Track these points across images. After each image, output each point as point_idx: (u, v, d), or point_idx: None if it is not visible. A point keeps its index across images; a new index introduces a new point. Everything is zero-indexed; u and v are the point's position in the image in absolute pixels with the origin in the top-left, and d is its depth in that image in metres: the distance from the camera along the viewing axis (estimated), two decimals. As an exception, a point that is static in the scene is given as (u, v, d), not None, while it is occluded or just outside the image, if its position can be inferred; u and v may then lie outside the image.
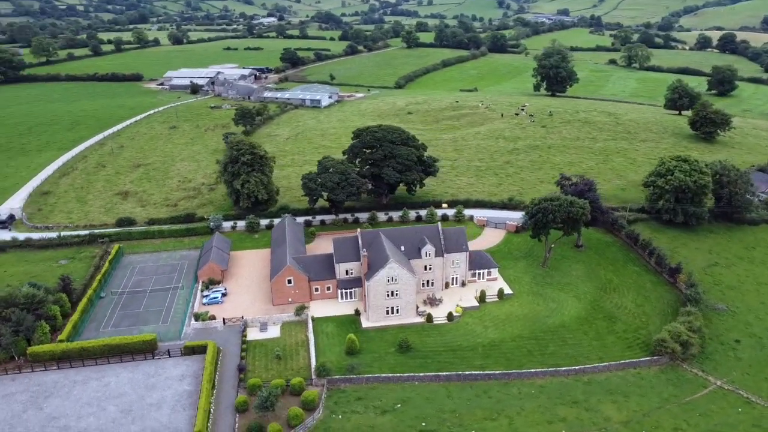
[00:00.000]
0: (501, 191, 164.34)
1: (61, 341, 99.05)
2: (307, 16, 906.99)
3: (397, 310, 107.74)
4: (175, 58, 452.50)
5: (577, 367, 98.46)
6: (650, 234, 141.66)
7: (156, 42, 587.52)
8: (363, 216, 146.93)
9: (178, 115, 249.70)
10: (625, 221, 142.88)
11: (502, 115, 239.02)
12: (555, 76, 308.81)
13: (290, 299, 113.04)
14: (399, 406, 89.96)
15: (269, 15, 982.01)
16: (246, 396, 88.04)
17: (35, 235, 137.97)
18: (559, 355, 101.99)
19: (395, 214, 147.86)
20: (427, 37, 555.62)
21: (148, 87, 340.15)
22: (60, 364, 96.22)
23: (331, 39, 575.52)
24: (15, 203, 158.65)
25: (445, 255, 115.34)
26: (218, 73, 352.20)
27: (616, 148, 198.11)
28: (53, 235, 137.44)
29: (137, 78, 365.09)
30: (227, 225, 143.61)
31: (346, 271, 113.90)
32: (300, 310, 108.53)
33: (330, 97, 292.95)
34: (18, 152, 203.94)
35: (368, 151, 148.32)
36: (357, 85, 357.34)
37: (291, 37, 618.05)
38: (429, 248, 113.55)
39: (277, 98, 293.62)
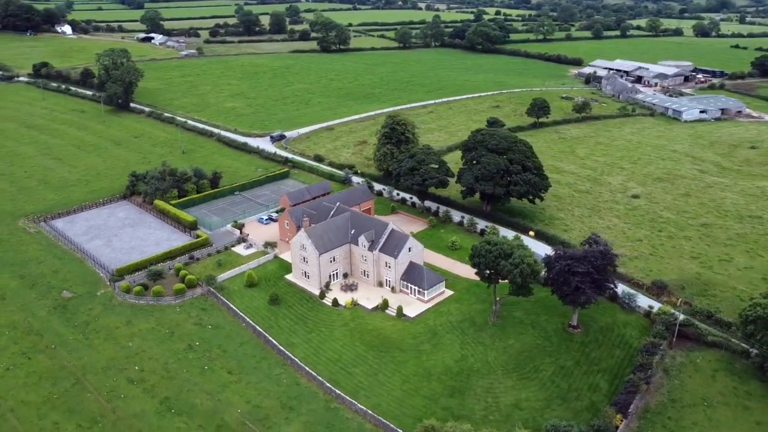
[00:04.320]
0: (618, 244, 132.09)
1: (168, 203, 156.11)
2: None
3: (308, 276, 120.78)
4: (658, 49, 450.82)
5: (338, 392, 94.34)
6: (711, 369, 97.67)
7: (676, 32, 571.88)
8: (446, 210, 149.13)
9: (511, 99, 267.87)
10: (662, 327, 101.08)
11: None
12: None
13: (287, 239, 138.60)
14: (210, 327, 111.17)
15: None
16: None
17: (271, 149, 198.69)
18: (355, 378, 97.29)
19: (467, 219, 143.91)
20: None
21: (569, 72, 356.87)
22: (159, 215, 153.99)
23: None
24: (306, 129, 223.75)
25: (375, 252, 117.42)
26: (639, 68, 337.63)
27: None
28: (274, 151, 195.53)
29: (577, 62, 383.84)
30: (357, 180, 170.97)
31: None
32: (268, 245, 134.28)
33: (704, 112, 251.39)
34: (367, 99, 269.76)
35: (470, 153, 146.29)
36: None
37: None
38: (363, 240, 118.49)
39: (645, 102, 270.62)
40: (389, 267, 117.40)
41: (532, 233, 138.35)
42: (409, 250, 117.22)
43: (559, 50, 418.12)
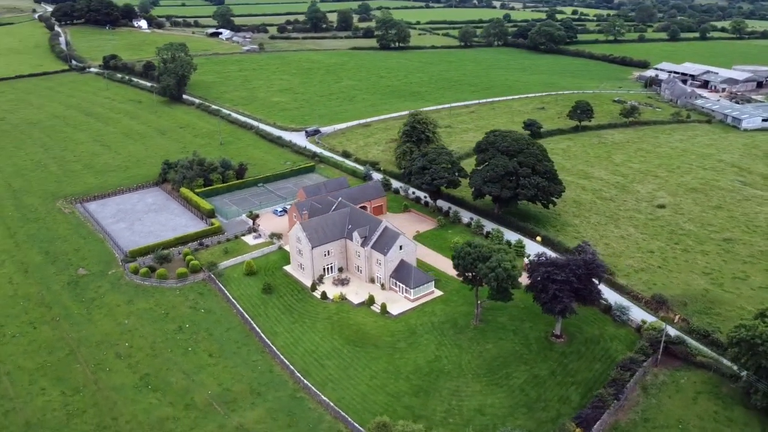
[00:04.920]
0: (628, 255, 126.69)
1: (192, 191, 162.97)
2: None
3: (303, 268, 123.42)
4: (739, 52, 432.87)
5: (306, 382, 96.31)
6: (695, 390, 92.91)
7: (764, 35, 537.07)
8: (455, 210, 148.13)
9: (559, 101, 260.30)
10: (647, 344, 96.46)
11: None
12: None
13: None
14: (203, 311, 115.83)
15: None
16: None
17: (303, 144, 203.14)
18: (327, 371, 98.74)
19: (474, 220, 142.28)
20: None
21: (631, 75, 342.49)
22: (183, 202, 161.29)
23: None
24: (343, 125, 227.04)
25: (367, 248, 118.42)
26: (707, 72, 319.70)
27: None
28: (303, 145, 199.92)
29: (642, 65, 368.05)
30: (377, 176, 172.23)
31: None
32: (273, 236, 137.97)
33: (767, 121, 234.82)
34: (412, 97, 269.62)
35: (483, 154, 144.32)
36: None
37: None
38: (356, 235, 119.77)
39: (703, 108, 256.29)
40: (380, 264, 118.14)
41: (539, 238, 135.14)
42: (400, 249, 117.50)
43: (628, 52, 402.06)
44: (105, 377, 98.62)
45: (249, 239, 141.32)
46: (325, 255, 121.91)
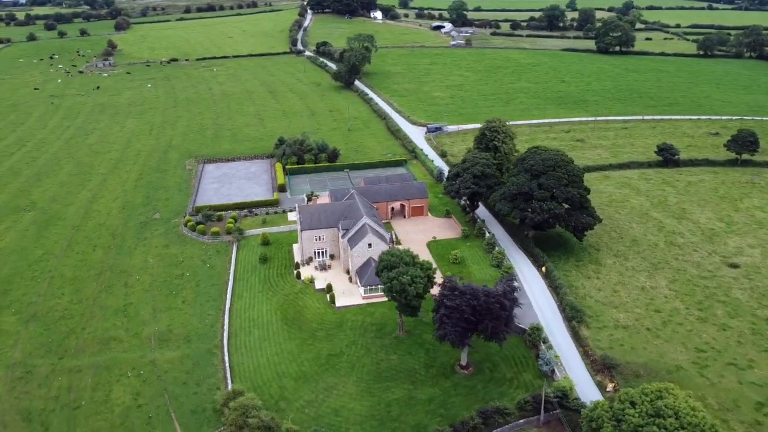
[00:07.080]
0: (625, 308, 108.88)
1: (284, 168, 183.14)
2: None
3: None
4: None
5: (225, 342, 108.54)
6: None
7: None
8: (483, 224, 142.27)
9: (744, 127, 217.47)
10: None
11: None
12: None
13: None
14: (208, 266, 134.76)
15: None
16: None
17: (412, 138, 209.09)
18: (249, 338, 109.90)
19: (487, 237, 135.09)
20: None
21: None
22: (274, 175, 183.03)
23: None
24: (471, 126, 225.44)
25: (344, 240, 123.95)
26: None
27: None
28: (411, 139, 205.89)
29: None
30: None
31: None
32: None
33: None
34: (574, 105, 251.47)
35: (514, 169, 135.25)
36: None
37: None
38: (341, 226, 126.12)
39: None
40: (351, 257, 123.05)
41: (544, 268, 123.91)
42: (369, 246, 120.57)
43: None
44: (104, 298, 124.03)
45: (292, 215, 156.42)
46: (316, 240, 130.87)
